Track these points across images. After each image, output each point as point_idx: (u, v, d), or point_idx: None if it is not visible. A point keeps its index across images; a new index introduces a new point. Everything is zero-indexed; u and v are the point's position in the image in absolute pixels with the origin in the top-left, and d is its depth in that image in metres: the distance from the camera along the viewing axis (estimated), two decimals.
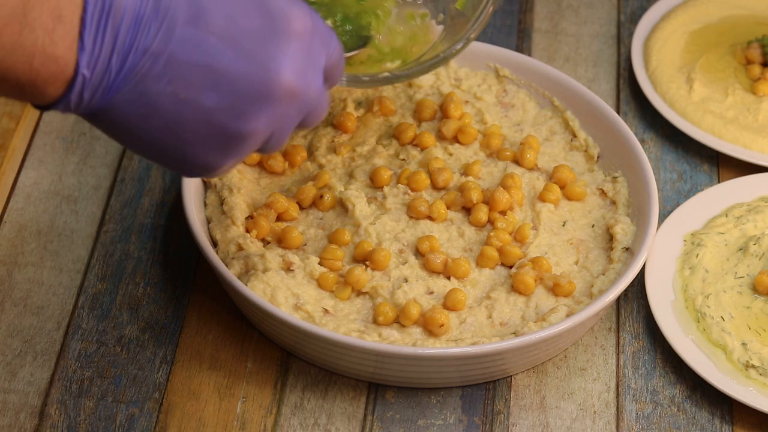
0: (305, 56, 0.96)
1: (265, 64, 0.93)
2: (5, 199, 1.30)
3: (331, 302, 1.18)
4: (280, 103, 0.95)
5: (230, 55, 0.92)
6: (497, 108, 1.36)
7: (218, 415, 1.15)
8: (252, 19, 0.93)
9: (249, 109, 0.94)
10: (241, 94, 0.93)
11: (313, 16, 0.97)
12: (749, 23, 1.47)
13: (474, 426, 1.15)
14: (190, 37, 0.91)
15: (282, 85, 0.94)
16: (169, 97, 0.91)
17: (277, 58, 0.93)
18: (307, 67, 0.96)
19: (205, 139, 0.94)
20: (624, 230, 1.24)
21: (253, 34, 0.92)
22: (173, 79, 0.91)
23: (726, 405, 1.17)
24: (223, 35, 0.92)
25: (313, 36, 0.96)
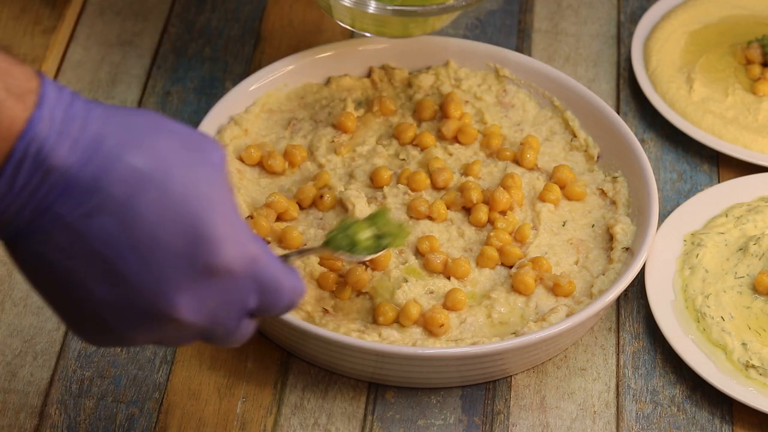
0: (218, 297, 0.90)
1: (163, 292, 0.87)
2: None
3: (331, 302, 1.18)
4: (165, 327, 0.90)
5: (136, 266, 0.86)
6: (497, 108, 1.36)
7: (218, 415, 1.15)
8: (177, 239, 0.86)
9: (135, 321, 0.89)
10: (130, 304, 0.88)
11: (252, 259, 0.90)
12: (749, 23, 1.47)
13: (474, 426, 1.15)
14: (106, 229, 0.85)
15: (173, 317, 0.89)
16: (64, 270, 0.87)
17: (179, 290, 0.87)
18: (217, 308, 0.91)
19: (83, 320, 0.90)
20: (624, 230, 1.24)
21: (168, 257, 0.86)
22: (73, 257, 0.86)
23: (726, 405, 1.17)
24: (138, 244, 0.86)
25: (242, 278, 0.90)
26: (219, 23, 1.48)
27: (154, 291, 0.87)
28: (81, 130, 0.85)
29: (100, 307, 0.88)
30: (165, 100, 1.40)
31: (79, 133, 0.85)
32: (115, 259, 0.86)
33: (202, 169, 0.88)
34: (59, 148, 0.84)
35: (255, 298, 0.93)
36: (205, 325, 0.91)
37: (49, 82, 0.85)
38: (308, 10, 1.50)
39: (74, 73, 1.43)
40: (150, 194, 0.85)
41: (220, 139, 1.29)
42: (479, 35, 1.48)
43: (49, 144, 0.83)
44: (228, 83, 1.41)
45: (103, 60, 1.44)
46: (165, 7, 1.50)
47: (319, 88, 1.36)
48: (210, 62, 1.44)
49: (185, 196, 0.86)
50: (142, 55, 1.44)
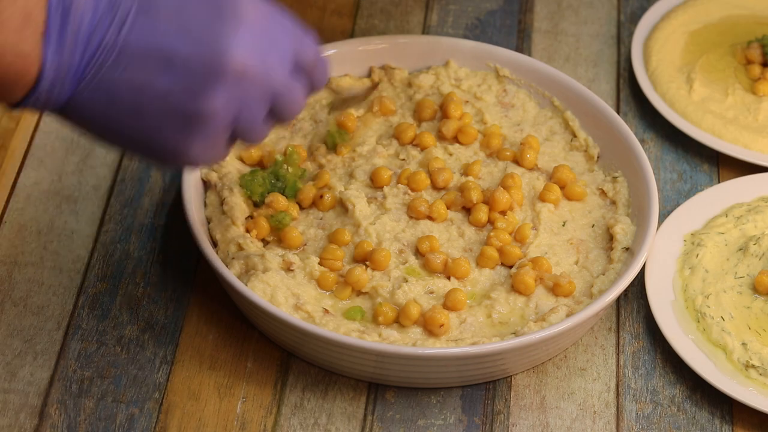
0: (260, 39, 0.98)
1: (213, 44, 0.96)
2: (5, 199, 1.30)
3: (330, 302, 1.18)
4: (234, 81, 0.97)
5: (179, 38, 0.95)
6: (497, 108, 1.36)
7: (218, 415, 1.15)
8: (200, 4, 0.96)
9: (202, 88, 0.96)
10: (192, 74, 0.96)
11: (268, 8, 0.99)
12: (749, 23, 1.47)
13: (474, 426, 1.15)
14: (141, 25, 0.95)
15: (232, 63, 0.96)
16: (127, 84, 0.95)
17: (225, 37, 0.96)
18: (265, 51, 0.98)
19: (165, 122, 0.97)
20: (624, 230, 1.24)
21: (201, 18, 0.96)
22: (128, 67, 0.95)
23: (726, 405, 1.17)
24: (171, 21, 0.95)
25: (272, 23, 0.99)
26: None
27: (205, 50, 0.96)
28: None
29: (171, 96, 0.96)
30: None
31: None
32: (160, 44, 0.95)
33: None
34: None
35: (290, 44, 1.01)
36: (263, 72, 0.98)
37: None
38: (308, 10, 1.50)
39: None
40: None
41: None
42: (479, 35, 1.48)
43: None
44: None
45: None
46: None
47: None
48: None
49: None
50: None
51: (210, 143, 1.00)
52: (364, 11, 1.50)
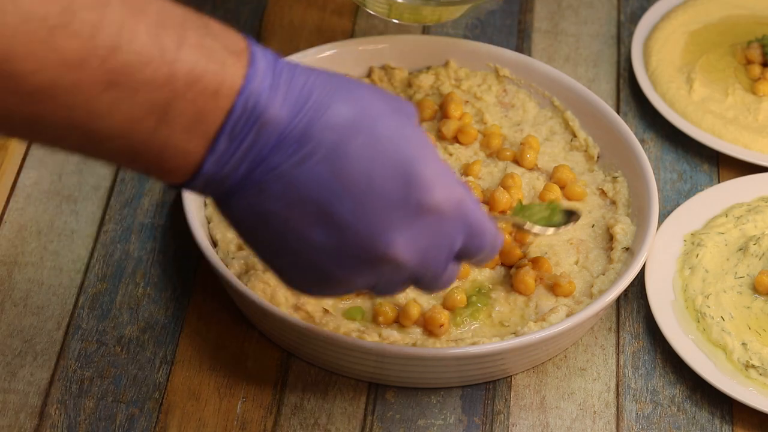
0: (429, 235, 0.92)
1: (379, 231, 0.90)
2: (5, 199, 1.30)
3: (330, 302, 1.18)
4: (384, 269, 0.93)
5: (350, 208, 0.89)
6: (497, 108, 1.36)
7: (218, 415, 1.15)
8: (388, 182, 0.89)
9: (351, 263, 0.92)
10: (346, 247, 0.91)
11: (459, 198, 0.92)
12: (749, 23, 1.47)
13: (474, 426, 1.15)
14: (320, 175, 0.88)
15: (388, 256, 0.91)
16: (280, 220, 0.90)
17: (394, 229, 0.90)
18: (429, 247, 0.93)
19: (305, 269, 0.93)
20: (624, 230, 1.24)
21: (381, 197, 0.89)
22: (288, 206, 0.89)
23: (726, 405, 1.17)
24: (351, 187, 0.89)
25: (452, 218, 0.92)
26: None
27: (370, 232, 0.90)
28: (289, 84, 0.88)
29: (316, 252, 0.91)
30: None
31: (288, 87, 0.88)
32: (330, 203, 0.89)
33: (404, 116, 0.91)
34: (273, 102, 0.87)
35: (461, 239, 0.95)
36: (417, 266, 0.93)
37: (254, 42, 0.89)
38: (308, 10, 1.50)
39: None
40: (359, 139, 0.88)
41: None
42: (479, 35, 1.48)
43: (264, 98, 0.87)
44: None
45: None
46: None
47: None
48: None
49: (393, 140, 0.89)
50: None
51: (336, 296, 0.98)
52: (364, 11, 1.50)
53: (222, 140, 0.87)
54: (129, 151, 0.86)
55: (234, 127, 0.87)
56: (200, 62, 0.85)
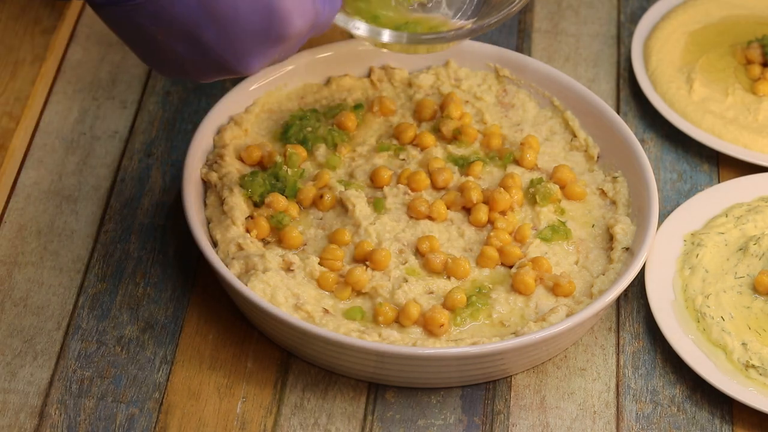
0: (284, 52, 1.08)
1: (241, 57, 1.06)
2: (5, 199, 1.30)
3: (331, 302, 1.18)
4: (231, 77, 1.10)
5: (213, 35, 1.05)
6: (497, 108, 1.36)
7: (218, 415, 1.15)
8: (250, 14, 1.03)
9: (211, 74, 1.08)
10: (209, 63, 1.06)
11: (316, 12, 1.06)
12: (749, 23, 1.47)
13: (474, 426, 1.15)
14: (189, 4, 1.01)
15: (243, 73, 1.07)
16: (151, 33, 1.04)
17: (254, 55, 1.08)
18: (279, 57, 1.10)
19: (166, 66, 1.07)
20: (624, 230, 1.24)
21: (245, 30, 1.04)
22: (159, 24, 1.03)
23: (726, 405, 1.17)
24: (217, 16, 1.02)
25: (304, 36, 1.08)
26: None
27: (231, 57, 1.05)
28: None
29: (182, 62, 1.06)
30: (165, 100, 1.40)
31: None
32: (195, 27, 1.03)
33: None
34: None
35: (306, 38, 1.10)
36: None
37: None
38: None
39: (74, 73, 1.43)
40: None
41: (220, 140, 1.29)
42: (479, 35, 1.48)
43: None
44: (228, 83, 1.41)
45: (103, 60, 1.44)
46: None
47: (319, 88, 1.36)
48: None
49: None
50: None
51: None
52: None
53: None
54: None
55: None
56: None
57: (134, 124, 1.38)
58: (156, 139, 1.36)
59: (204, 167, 1.27)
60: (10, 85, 1.40)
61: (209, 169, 1.27)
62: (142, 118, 1.38)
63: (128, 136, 1.36)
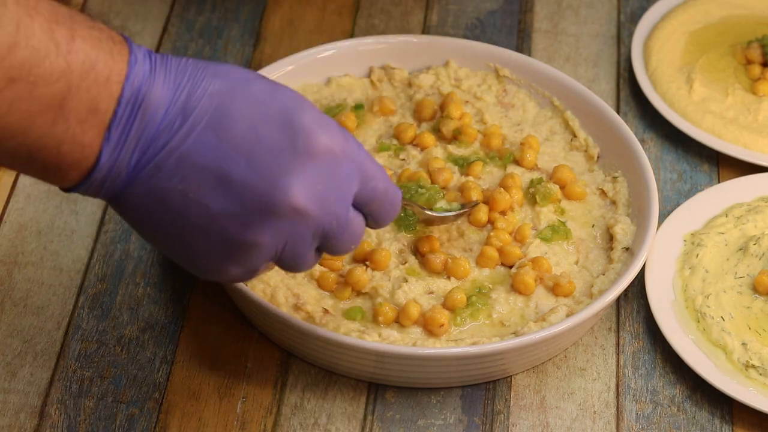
0: (325, 179, 0.95)
1: (274, 180, 0.93)
2: (5, 199, 1.30)
3: (331, 302, 1.18)
4: (286, 220, 0.95)
5: (242, 165, 0.93)
6: (497, 108, 1.36)
7: (218, 415, 1.15)
8: (273, 133, 0.93)
9: (253, 219, 0.94)
10: (247, 205, 0.93)
11: (345, 141, 0.96)
12: (749, 23, 1.47)
13: (474, 426, 1.15)
14: (207, 141, 0.92)
15: (288, 203, 0.94)
16: (179, 195, 0.93)
17: (289, 175, 0.93)
18: (326, 191, 0.96)
19: (208, 243, 0.96)
20: (624, 230, 1.24)
21: (271, 149, 0.93)
22: (184, 178, 0.93)
23: (726, 405, 1.17)
24: (239, 145, 0.93)
25: (342, 160, 0.96)
26: (219, 23, 1.48)
27: (266, 183, 0.93)
28: (166, 67, 0.93)
29: (220, 220, 0.94)
30: None
31: (165, 69, 0.93)
32: (222, 165, 0.92)
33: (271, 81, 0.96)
34: (154, 83, 0.92)
35: (356, 183, 0.98)
36: (319, 213, 0.96)
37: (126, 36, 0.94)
38: (308, 10, 1.50)
39: None
40: (237, 100, 0.93)
41: None
42: (479, 35, 1.48)
43: (146, 81, 0.92)
44: None
45: None
46: (165, 7, 1.50)
47: (319, 88, 1.36)
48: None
49: (269, 94, 0.94)
50: None
51: (250, 269, 0.98)
52: (364, 11, 1.50)
53: (114, 128, 0.91)
54: (26, 151, 0.89)
55: (124, 113, 0.91)
56: (92, 52, 0.89)
57: None
58: None
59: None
60: None
61: None
62: None
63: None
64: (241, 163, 0.93)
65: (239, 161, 0.93)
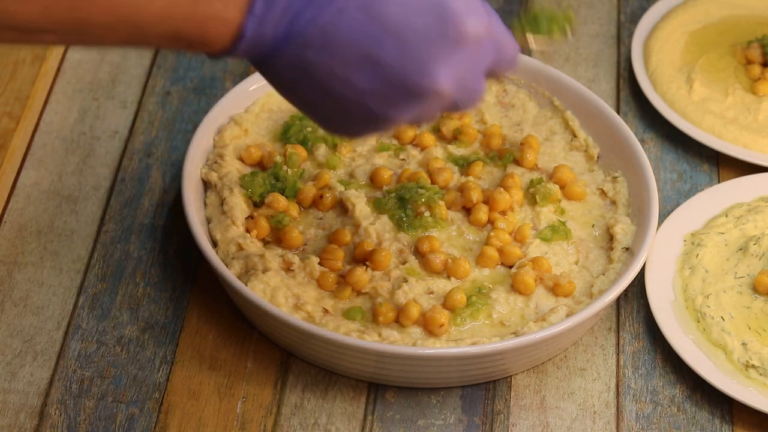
0: (469, 63, 0.97)
1: (423, 65, 0.94)
2: (5, 199, 1.30)
3: (331, 302, 1.18)
4: (427, 101, 0.96)
5: (392, 48, 0.93)
6: (497, 108, 1.36)
7: (218, 415, 1.15)
8: (424, 18, 0.94)
9: (398, 101, 0.96)
10: (393, 86, 0.95)
11: (490, 20, 0.98)
12: (749, 23, 1.47)
13: (474, 426, 1.15)
14: (359, 21, 0.93)
15: (434, 88, 0.95)
16: (325, 69, 0.94)
17: (437, 61, 0.94)
18: (468, 73, 0.97)
19: (350, 113, 0.97)
20: (624, 230, 1.24)
21: (421, 34, 0.94)
22: (332, 55, 0.93)
23: (726, 405, 1.17)
24: (390, 27, 0.93)
25: (484, 42, 0.97)
26: None
27: (415, 69, 0.94)
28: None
29: (363, 95, 0.95)
30: (165, 100, 1.40)
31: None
32: (372, 46, 0.93)
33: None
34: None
35: (491, 57, 0.99)
36: (457, 93, 0.97)
37: None
38: None
39: (74, 73, 1.43)
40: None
41: (220, 140, 1.29)
42: None
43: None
44: (228, 83, 1.41)
45: (103, 60, 1.44)
46: None
47: None
48: (210, 62, 1.44)
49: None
50: (142, 55, 1.44)
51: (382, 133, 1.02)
52: None
53: (258, 3, 0.91)
54: (173, 32, 0.90)
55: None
56: None
57: (134, 124, 1.38)
58: (156, 139, 1.36)
59: (204, 167, 1.27)
60: (10, 85, 1.40)
61: (209, 169, 1.27)
62: (142, 118, 1.38)
63: (128, 136, 1.36)
64: (392, 46, 0.93)
65: (390, 44, 0.93)
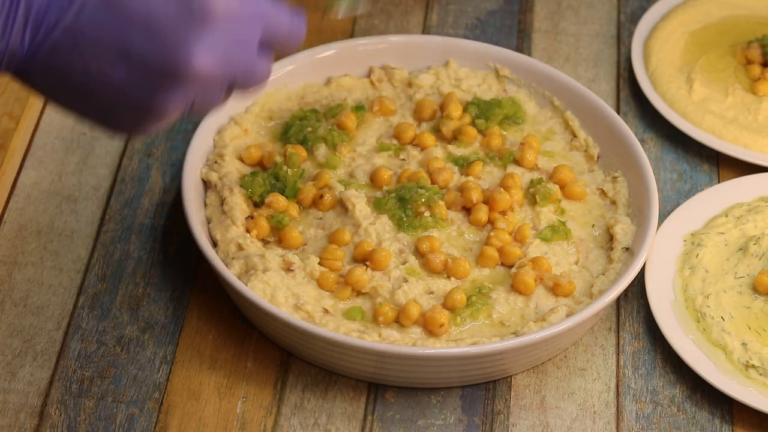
0: (229, 39, 0.95)
1: (175, 48, 0.93)
2: (5, 199, 1.30)
3: (331, 302, 1.18)
4: (194, 83, 0.95)
5: (140, 37, 0.93)
6: None
7: (218, 415, 1.15)
8: (167, 1, 0.93)
9: (159, 88, 0.95)
10: (151, 74, 0.94)
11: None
12: (749, 23, 1.47)
13: (474, 426, 1.15)
14: (102, 17, 0.93)
15: (192, 69, 0.94)
16: (80, 71, 0.94)
17: (188, 41, 0.93)
18: (233, 49, 0.96)
19: (118, 109, 0.96)
20: (624, 230, 1.24)
21: (167, 17, 0.93)
22: (83, 55, 0.93)
23: (726, 405, 1.17)
24: (134, 17, 0.93)
25: (243, 16, 0.96)
26: None
27: (167, 52, 0.93)
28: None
29: (124, 88, 0.94)
30: None
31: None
32: (120, 39, 0.93)
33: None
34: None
35: (259, 29, 0.98)
36: (225, 70, 0.96)
37: None
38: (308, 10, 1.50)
39: None
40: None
41: (220, 140, 1.29)
42: (479, 35, 1.48)
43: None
44: None
45: None
46: None
47: (319, 88, 1.36)
48: None
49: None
50: None
51: (161, 125, 0.99)
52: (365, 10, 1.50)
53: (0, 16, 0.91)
54: None
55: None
56: None
57: None
58: (156, 139, 1.36)
59: (204, 167, 1.27)
60: (10, 85, 1.40)
61: (209, 169, 1.27)
62: None
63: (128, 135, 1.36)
64: (139, 34, 0.93)
65: (137, 33, 0.93)
